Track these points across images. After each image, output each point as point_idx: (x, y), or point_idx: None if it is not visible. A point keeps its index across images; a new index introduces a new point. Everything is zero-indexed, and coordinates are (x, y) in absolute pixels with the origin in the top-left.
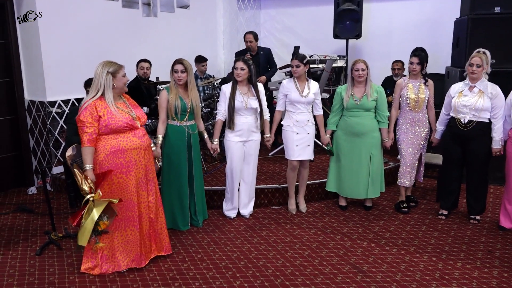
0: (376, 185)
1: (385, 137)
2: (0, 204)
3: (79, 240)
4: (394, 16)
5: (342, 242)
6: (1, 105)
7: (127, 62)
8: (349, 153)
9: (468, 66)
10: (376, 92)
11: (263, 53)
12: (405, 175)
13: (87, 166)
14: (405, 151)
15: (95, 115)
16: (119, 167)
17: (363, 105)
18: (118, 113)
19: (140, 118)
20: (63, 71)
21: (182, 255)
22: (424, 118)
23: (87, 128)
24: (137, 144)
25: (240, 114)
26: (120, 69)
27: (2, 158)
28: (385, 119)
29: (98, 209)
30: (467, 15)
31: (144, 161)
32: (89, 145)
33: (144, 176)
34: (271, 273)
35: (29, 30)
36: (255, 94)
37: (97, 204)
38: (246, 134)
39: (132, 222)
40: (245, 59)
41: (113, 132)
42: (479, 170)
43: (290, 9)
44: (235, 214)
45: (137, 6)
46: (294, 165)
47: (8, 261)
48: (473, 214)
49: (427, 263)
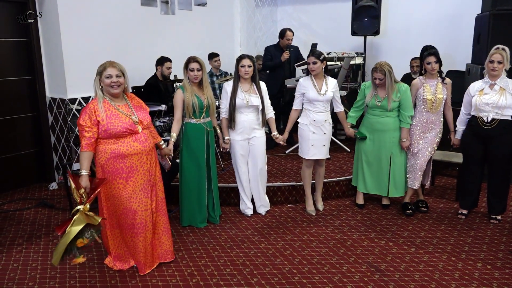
0: (398, 185)
1: (404, 137)
2: (23, 199)
3: (53, 258)
4: (413, 12)
5: (360, 240)
6: (23, 102)
7: (145, 59)
8: (371, 151)
9: (488, 63)
10: (400, 91)
11: (293, 50)
12: (416, 176)
13: (83, 172)
14: (416, 152)
15: (94, 119)
16: (119, 172)
17: (385, 106)
18: (117, 117)
19: (142, 122)
20: (83, 68)
21: (199, 252)
22: (438, 120)
23: (86, 133)
24: (138, 149)
25: (241, 112)
26: (103, 71)
27: (24, 154)
28: (407, 119)
29: (76, 228)
30: (489, 10)
31: (146, 166)
32: (87, 149)
33: (147, 182)
34: (288, 271)
35: (50, 28)
36: (257, 92)
37: (78, 222)
38: (248, 132)
39: (132, 229)
40: (250, 56)
41: (112, 136)
42: (501, 169)
43: (307, 5)
44: (251, 212)
45: (155, 4)
46: (309, 161)
47: (31, 255)
48: (494, 214)
49: (446, 263)
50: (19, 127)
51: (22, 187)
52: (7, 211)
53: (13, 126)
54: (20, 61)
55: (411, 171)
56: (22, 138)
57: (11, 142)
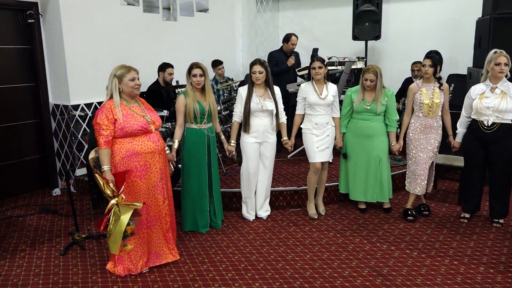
0: (385, 190)
1: (393, 141)
2: (26, 205)
3: (111, 249)
4: (414, 17)
5: (362, 244)
6: (27, 109)
7: (147, 66)
8: (357, 156)
9: (494, 66)
10: (387, 96)
11: (294, 56)
12: (417, 181)
13: (105, 167)
14: (418, 157)
15: (111, 117)
16: (133, 170)
17: (373, 109)
18: (132, 117)
19: (155, 122)
20: (86, 75)
21: (201, 257)
22: (437, 124)
23: (103, 131)
24: (151, 148)
25: (256, 116)
26: (127, 73)
27: (28, 160)
28: (393, 123)
29: (125, 216)
30: (490, 14)
31: (159, 164)
32: (106, 147)
33: (160, 180)
34: (290, 275)
35: (54, 36)
36: (272, 96)
37: (123, 211)
38: (262, 136)
39: (147, 223)
40: (261, 62)
41: (128, 135)
42: (503, 173)
43: (308, 10)
44: (253, 216)
45: (157, 10)
46: (317, 167)
47: (34, 260)
48: (496, 218)
49: (449, 267)
50: (23, 133)
51: (26, 193)
52: (11, 217)
53: (16, 132)
54: (24, 68)
55: (410, 176)
56: (26, 145)
57: (14, 148)
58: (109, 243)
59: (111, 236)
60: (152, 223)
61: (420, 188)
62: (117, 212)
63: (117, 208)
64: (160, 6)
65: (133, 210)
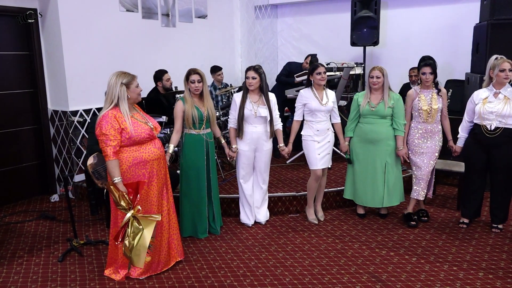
0: (393, 194)
1: (400, 146)
2: (24, 212)
3: (135, 262)
4: (412, 23)
5: (361, 250)
6: (25, 115)
7: (146, 72)
8: (364, 160)
9: (499, 72)
10: (393, 99)
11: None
12: (421, 187)
13: (116, 179)
14: (420, 163)
15: (118, 127)
16: (141, 178)
17: (379, 111)
18: (137, 125)
19: (156, 128)
20: (84, 81)
21: (200, 263)
22: (436, 129)
23: (111, 141)
24: (157, 154)
25: (250, 123)
26: (133, 80)
27: (26, 167)
28: (401, 127)
29: (148, 229)
30: (487, 20)
31: (163, 170)
32: (115, 157)
33: (163, 185)
34: (289, 282)
35: (53, 42)
36: (266, 103)
37: (144, 224)
38: (256, 143)
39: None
40: (256, 68)
41: (135, 143)
42: (504, 178)
43: (307, 17)
44: (252, 222)
45: (156, 17)
46: (318, 174)
47: (32, 267)
48: (496, 223)
49: (448, 272)
50: (21, 139)
51: (24, 199)
52: (9, 223)
53: (15, 138)
54: (23, 75)
55: (415, 182)
56: (24, 151)
57: (13, 154)
58: (132, 257)
59: (133, 250)
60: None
61: (423, 193)
62: (136, 225)
63: (134, 220)
64: (159, 12)
65: (155, 222)
